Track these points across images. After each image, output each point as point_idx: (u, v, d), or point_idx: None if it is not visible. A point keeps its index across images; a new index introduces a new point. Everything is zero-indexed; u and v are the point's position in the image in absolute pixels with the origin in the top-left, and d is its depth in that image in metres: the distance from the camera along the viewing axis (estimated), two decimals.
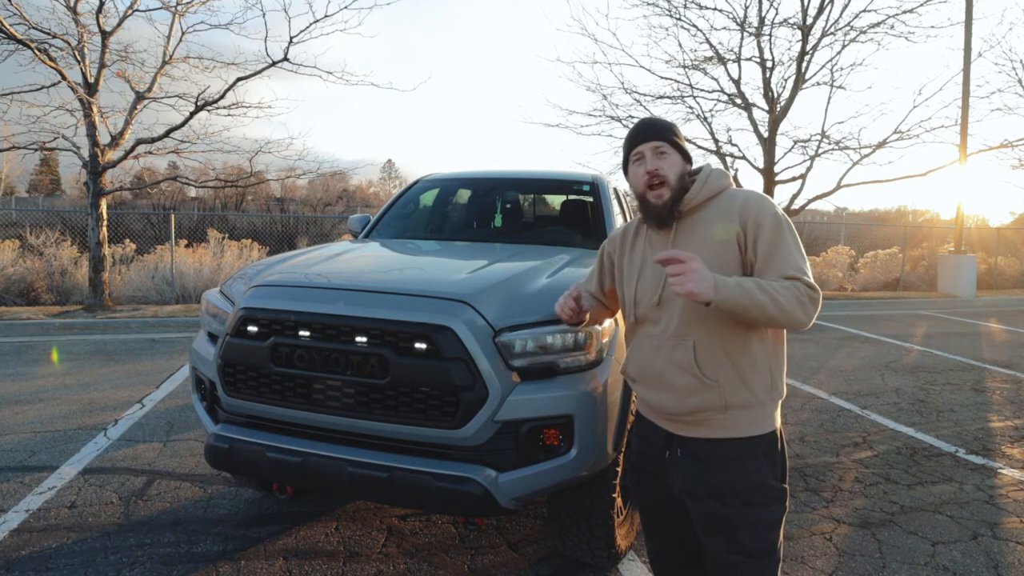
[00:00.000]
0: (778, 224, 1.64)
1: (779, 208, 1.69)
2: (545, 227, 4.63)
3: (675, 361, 1.67)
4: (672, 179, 1.72)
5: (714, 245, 1.66)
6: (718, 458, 1.67)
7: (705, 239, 1.68)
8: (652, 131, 1.76)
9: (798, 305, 1.55)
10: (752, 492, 1.65)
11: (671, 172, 1.72)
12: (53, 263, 10.99)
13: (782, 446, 1.72)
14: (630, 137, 1.79)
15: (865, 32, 12.44)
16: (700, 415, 1.67)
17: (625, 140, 1.83)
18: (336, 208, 36.85)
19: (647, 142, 1.75)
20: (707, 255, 1.63)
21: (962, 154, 13.94)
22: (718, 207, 1.71)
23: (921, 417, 5.17)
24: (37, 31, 9.09)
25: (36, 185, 46.40)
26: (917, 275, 16.72)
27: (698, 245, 1.68)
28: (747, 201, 1.69)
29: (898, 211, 38.94)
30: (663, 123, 1.79)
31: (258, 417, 2.48)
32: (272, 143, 10.89)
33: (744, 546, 1.65)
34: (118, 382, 5.59)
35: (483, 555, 2.88)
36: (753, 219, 1.65)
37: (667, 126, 1.78)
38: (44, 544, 2.88)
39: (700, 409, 1.66)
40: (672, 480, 1.77)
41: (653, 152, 1.74)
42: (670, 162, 1.73)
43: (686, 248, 1.69)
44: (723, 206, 1.71)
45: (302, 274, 2.70)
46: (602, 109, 13.82)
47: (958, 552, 3.04)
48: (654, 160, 1.73)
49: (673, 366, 1.68)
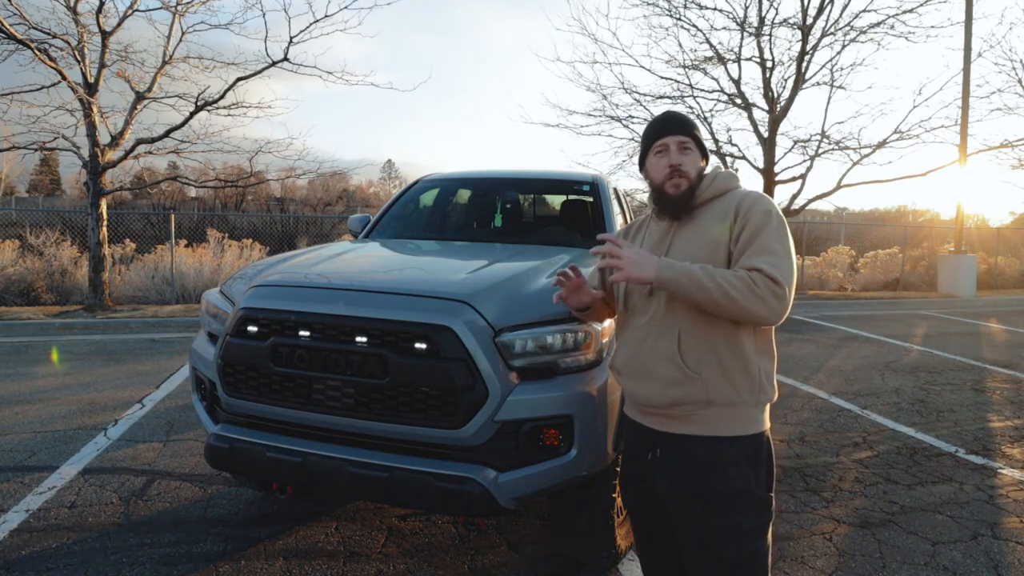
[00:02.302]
0: (766, 218, 1.63)
1: (776, 208, 1.69)
2: (545, 227, 4.63)
3: (659, 350, 1.67)
4: (692, 175, 1.74)
5: (710, 242, 1.67)
6: (699, 459, 1.65)
7: (702, 235, 1.69)
8: (679, 125, 1.76)
9: (753, 297, 1.51)
10: (733, 497, 1.62)
11: (692, 169, 1.74)
12: (53, 263, 10.99)
13: (768, 452, 1.68)
14: (655, 128, 1.78)
15: (865, 32, 12.44)
16: (681, 408, 1.65)
17: (648, 130, 1.81)
18: (336, 208, 36.85)
19: (673, 135, 1.74)
20: (702, 251, 1.65)
21: (962, 154, 13.93)
22: (720, 206, 1.72)
23: (921, 417, 5.17)
24: (37, 31, 9.09)
25: (36, 185, 46.39)
26: (917, 275, 16.72)
27: (696, 241, 1.69)
28: (744, 197, 1.70)
29: (898, 211, 38.96)
30: (688, 119, 1.79)
31: (258, 417, 2.48)
32: (272, 143, 10.89)
33: (723, 553, 1.62)
34: (118, 382, 5.59)
35: (483, 555, 2.88)
36: (744, 212, 1.66)
37: (692, 122, 1.78)
38: (44, 544, 2.88)
39: (681, 401, 1.64)
40: (657, 483, 1.75)
41: (678, 147, 1.74)
42: (692, 159, 1.75)
43: (683, 243, 1.71)
44: (724, 205, 1.72)
45: (302, 274, 2.70)
46: (602, 109, 13.83)
47: (958, 552, 3.04)
48: (678, 155, 1.74)
49: (657, 355, 1.67)
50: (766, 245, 1.59)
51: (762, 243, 1.59)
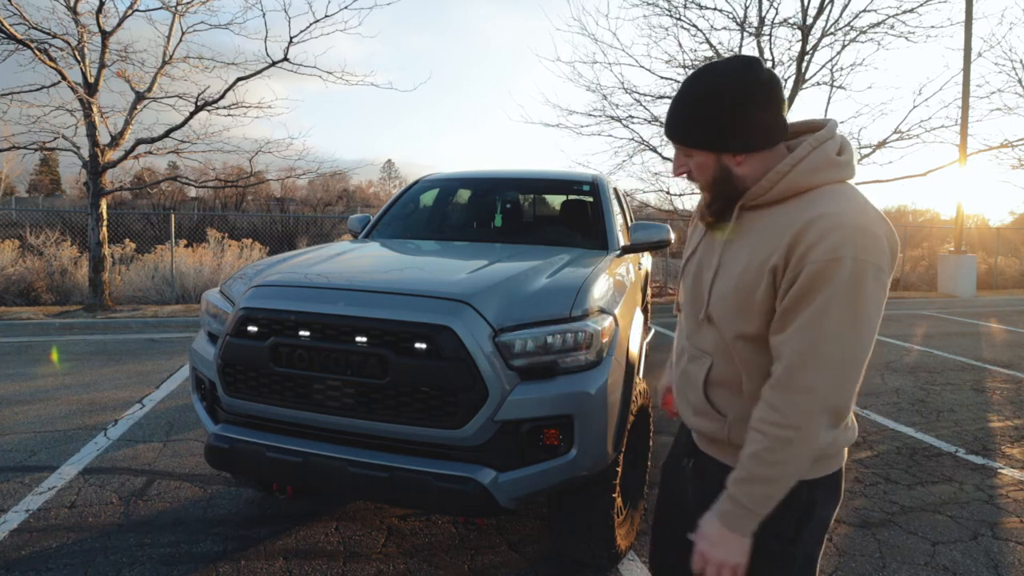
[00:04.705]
0: (829, 274, 1.13)
1: (859, 250, 1.14)
2: (545, 227, 4.63)
3: (690, 374, 1.46)
4: (704, 183, 1.35)
5: (754, 268, 1.26)
6: (720, 485, 1.33)
7: (750, 256, 1.28)
8: (668, 126, 1.35)
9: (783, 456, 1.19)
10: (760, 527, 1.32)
11: (701, 176, 1.34)
12: (53, 263, 10.99)
13: (808, 498, 1.32)
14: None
15: (865, 32, 12.43)
16: (708, 436, 1.48)
17: None
18: (336, 208, 36.86)
19: (669, 138, 1.36)
20: (747, 277, 1.27)
21: (962, 154, 13.93)
22: (789, 212, 1.25)
23: (921, 417, 5.17)
24: (37, 31, 9.09)
25: (36, 185, 46.41)
26: (917, 275, 16.73)
27: (743, 261, 1.30)
28: (813, 223, 1.17)
29: (898, 211, 38.94)
30: (683, 113, 1.31)
31: (258, 417, 2.48)
32: (272, 143, 10.89)
33: None
34: (118, 382, 5.59)
35: (483, 555, 2.88)
36: (800, 252, 1.17)
37: (684, 119, 1.30)
38: (44, 544, 2.88)
39: (703, 432, 1.47)
40: (686, 490, 1.59)
41: (679, 152, 1.37)
42: (698, 163, 1.32)
43: (735, 257, 1.32)
44: (792, 216, 1.23)
45: (302, 274, 2.70)
46: (602, 109, 13.79)
47: (958, 552, 3.04)
48: (680, 160, 1.37)
49: (688, 378, 1.47)
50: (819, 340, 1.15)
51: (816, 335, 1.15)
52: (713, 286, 1.35)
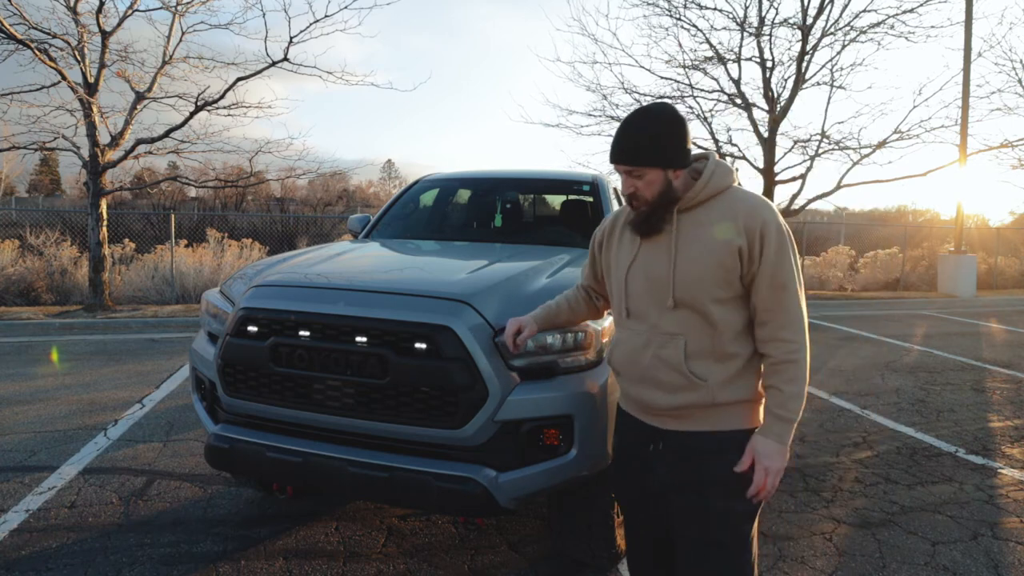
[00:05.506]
0: (780, 240, 1.62)
1: (782, 220, 1.66)
2: (545, 227, 4.63)
3: (663, 358, 1.65)
4: (650, 197, 1.66)
5: (715, 245, 1.62)
6: (701, 448, 1.67)
7: (707, 239, 1.64)
8: (621, 154, 1.66)
9: (804, 371, 1.62)
10: (729, 481, 1.64)
11: (648, 191, 1.66)
12: (53, 263, 11.00)
13: None
14: (611, 150, 1.70)
15: (865, 32, 12.44)
16: (686, 411, 1.67)
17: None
18: (336, 208, 36.85)
19: (619, 164, 1.67)
20: (706, 256, 1.62)
21: (962, 154, 13.94)
22: (720, 206, 1.66)
23: (921, 417, 5.17)
24: (37, 31, 9.09)
25: (36, 185, 46.38)
26: (917, 275, 16.73)
27: (700, 245, 1.64)
28: (754, 209, 1.64)
29: (898, 211, 38.99)
30: (634, 142, 1.64)
31: (258, 417, 2.48)
32: (272, 143, 10.89)
33: (714, 537, 1.66)
34: (118, 382, 5.59)
35: (483, 555, 2.88)
36: (760, 229, 1.61)
37: (638, 146, 1.64)
38: (44, 544, 2.88)
39: (687, 406, 1.66)
40: (655, 474, 1.75)
41: (627, 174, 1.67)
42: (647, 180, 1.65)
43: (687, 246, 1.65)
44: (725, 206, 1.66)
45: (302, 274, 2.70)
46: (602, 109, 13.81)
47: (958, 552, 3.04)
48: (629, 181, 1.67)
49: (661, 363, 1.66)
50: (786, 283, 1.62)
51: (783, 281, 1.61)
52: (675, 275, 1.64)
